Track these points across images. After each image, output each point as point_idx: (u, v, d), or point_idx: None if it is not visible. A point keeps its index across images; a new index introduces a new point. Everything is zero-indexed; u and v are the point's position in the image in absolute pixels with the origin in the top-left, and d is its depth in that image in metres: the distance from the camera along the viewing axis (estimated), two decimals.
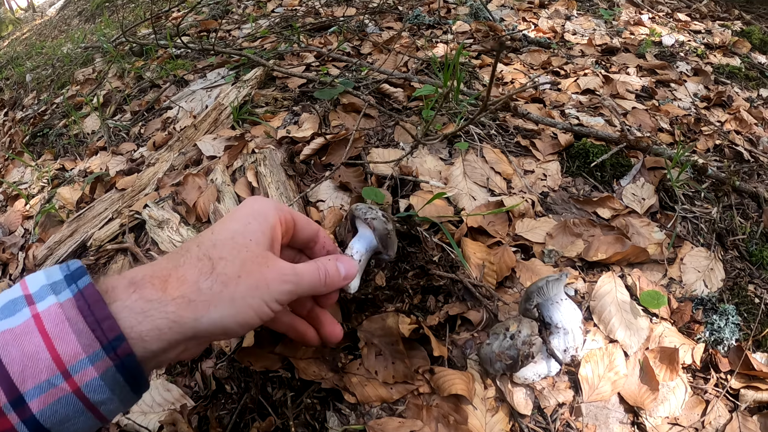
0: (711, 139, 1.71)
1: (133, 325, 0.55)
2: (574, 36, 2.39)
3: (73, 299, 0.54)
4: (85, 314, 0.53)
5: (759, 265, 1.27)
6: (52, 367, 0.51)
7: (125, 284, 0.58)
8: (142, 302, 0.57)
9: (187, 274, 0.60)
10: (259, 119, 1.74)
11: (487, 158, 1.38)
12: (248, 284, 0.62)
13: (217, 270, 0.61)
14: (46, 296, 0.54)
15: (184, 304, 0.58)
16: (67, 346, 0.51)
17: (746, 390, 1.01)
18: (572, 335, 0.94)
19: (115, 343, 0.53)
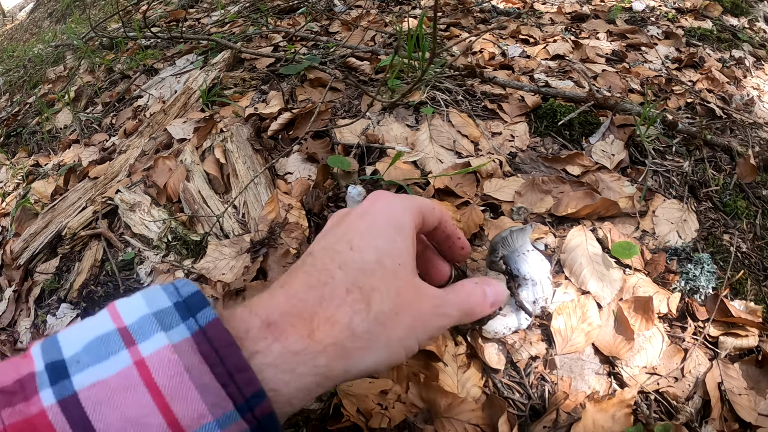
0: (682, 98, 1.69)
1: (278, 387, 0.41)
2: (544, 5, 2.37)
3: (192, 340, 0.39)
4: (212, 362, 0.38)
5: (733, 215, 1.25)
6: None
7: (259, 326, 0.43)
8: (288, 356, 0.42)
9: (337, 315, 0.45)
10: (228, 100, 1.74)
11: (454, 122, 1.35)
12: (406, 324, 0.49)
13: (373, 308, 0.47)
14: (151, 334, 0.39)
15: (337, 353, 0.44)
16: (187, 406, 0.37)
17: (725, 337, 1.00)
18: (541, 286, 0.91)
19: (252, 402, 0.38)
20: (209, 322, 0.40)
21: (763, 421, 0.92)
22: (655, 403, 0.91)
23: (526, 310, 0.89)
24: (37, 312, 1.32)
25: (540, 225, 1.12)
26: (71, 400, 0.35)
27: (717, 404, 0.92)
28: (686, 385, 0.94)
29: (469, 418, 0.84)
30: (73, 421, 0.34)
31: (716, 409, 0.92)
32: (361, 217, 0.53)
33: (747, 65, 2.13)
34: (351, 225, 0.52)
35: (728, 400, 0.92)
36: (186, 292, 0.42)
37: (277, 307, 0.44)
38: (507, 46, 1.89)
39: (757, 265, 1.16)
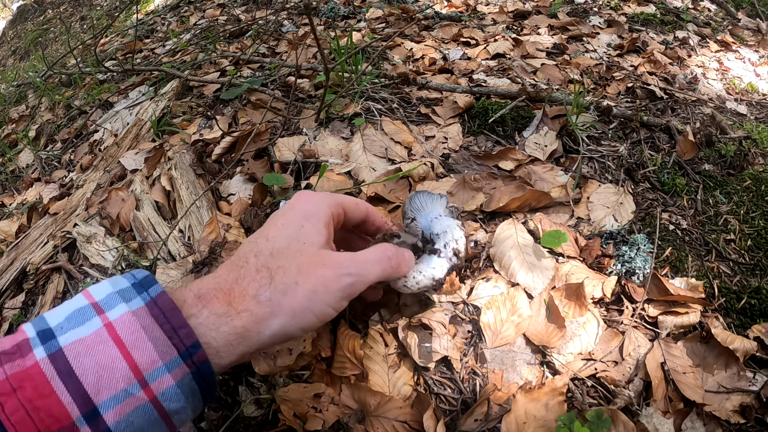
0: (623, 83, 1.70)
1: (209, 341, 0.55)
2: (487, 6, 2.39)
3: (145, 307, 0.53)
4: (160, 322, 0.52)
5: (672, 192, 1.26)
6: (129, 376, 0.49)
7: (193, 297, 0.57)
8: (213, 317, 0.56)
9: (248, 288, 0.60)
10: (177, 128, 1.77)
11: (387, 130, 1.36)
12: (307, 289, 0.61)
13: (276, 280, 0.60)
14: (115, 305, 0.53)
15: (249, 318, 0.58)
16: (143, 354, 0.50)
17: (665, 316, 0.99)
18: (451, 233, 0.89)
19: (191, 350, 0.52)
20: (158, 294, 0.54)
21: (710, 398, 0.91)
22: (591, 389, 0.90)
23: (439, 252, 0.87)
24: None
25: (471, 222, 1.12)
26: (58, 354, 0.48)
27: (660, 385, 0.91)
28: (626, 368, 0.94)
29: (397, 416, 0.84)
30: (59, 369, 0.47)
31: (659, 389, 0.91)
32: (283, 212, 0.69)
33: (691, 44, 2.15)
34: (272, 220, 0.69)
35: (672, 380, 0.92)
36: (140, 276, 0.57)
37: (205, 285, 0.59)
38: (448, 51, 1.91)
39: (698, 241, 1.16)
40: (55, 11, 5.54)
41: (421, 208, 0.93)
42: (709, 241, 1.15)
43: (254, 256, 0.63)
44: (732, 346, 0.94)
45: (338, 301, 0.64)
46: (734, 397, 0.92)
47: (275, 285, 0.60)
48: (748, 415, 0.89)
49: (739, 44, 2.27)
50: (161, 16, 3.42)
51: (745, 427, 0.88)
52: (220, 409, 0.92)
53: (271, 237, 0.65)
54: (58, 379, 0.47)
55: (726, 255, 1.13)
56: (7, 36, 6.51)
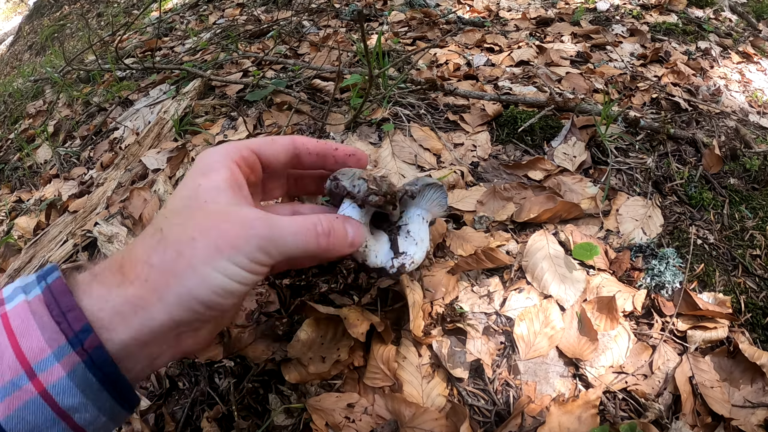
0: (647, 94, 1.71)
1: (94, 312, 0.49)
2: (509, 12, 2.39)
3: (41, 295, 0.49)
4: (50, 307, 0.48)
5: (699, 207, 1.26)
6: (15, 366, 0.45)
7: (87, 277, 0.53)
8: (102, 289, 0.51)
9: (138, 254, 0.53)
10: (199, 128, 1.76)
11: (416, 136, 1.36)
12: (206, 245, 0.52)
13: (169, 239, 0.53)
14: (15, 297, 0.49)
15: (145, 285, 0.51)
16: (30, 341, 0.46)
17: (693, 331, 1.00)
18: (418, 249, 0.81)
19: (81, 336, 0.47)
20: (54, 280, 0.50)
21: (736, 412, 0.92)
22: (623, 402, 0.91)
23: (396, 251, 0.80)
24: None
25: (503, 232, 1.13)
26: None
27: (689, 399, 0.92)
28: (656, 381, 0.94)
29: (433, 427, 0.84)
30: None
31: (688, 403, 0.92)
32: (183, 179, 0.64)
33: (714, 55, 2.15)
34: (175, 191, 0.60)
35: (700, 394, 0.92)
36: (45, 269, 0.53)
37: (102, 264, 0.55)
38: (472, 56, 1.91)
39: (725, 256, 1.16)
40: (72, 7, 5.56)
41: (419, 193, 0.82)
42: (736, 256, 1.15)
43: (151, 225, 0.56)
44: (759, 362, 0.94)
45: (250, 264, 0.54)
46: (759, 412, 0.92)
47: (168, 243, 0.53)
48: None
49: (761, 56, 2.27)
50: (180, 15, 3.42)
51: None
52: (249, 417, 0.92)
53: (169, 202, 0.58)
54: None
55: (752, 270, 1.13)
56: (24, 31, 6.54)
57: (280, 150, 0.68)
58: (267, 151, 0.67)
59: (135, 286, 0.51)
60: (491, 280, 1.03)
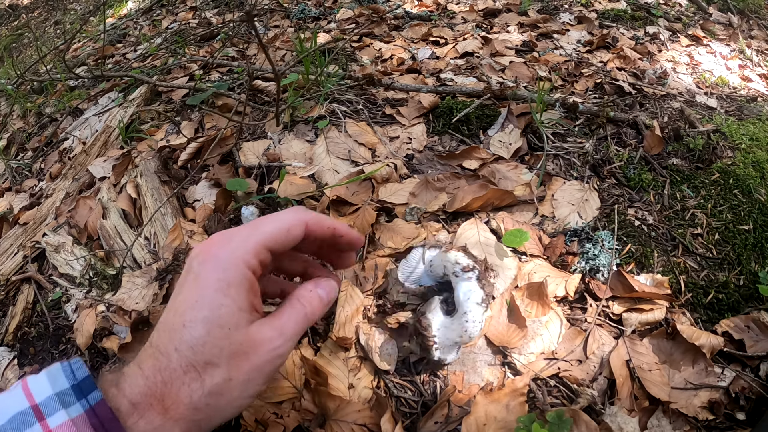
0: (591, 79, 1.70)
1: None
2: (458, 5, 2.38)
3: (85, 415, 0.51)
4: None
5: (639, 188, 1.25)
6: None
7: (128, 405, 0.53)
8: (151, 429, 0.53)
9: (180, 394, 0.54)
10: (145, 135, 1.75)
11: (351, 132, 1.34)
12: (241, 381, 0.56)
13: (207, 382, 0.55)
14: (55, 411, 0.51)
15: (188, 424, 0.55)
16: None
17: (629, 313, 0.99)
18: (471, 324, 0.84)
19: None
20: (97, 402, 0.51)
21: (677, 395, 0.90)
22: (554, 389, 0.89)
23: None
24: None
25: (434, 223, 1.11)
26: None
27: (625, 383, 0.90)
28: (590, 367, 0.93)
29: (356, 419, 0.84)
30: None
31: (625, 388, 0.90)
32: (194, 283, 0.58)
33: (662, 40, 2.15)
34: (185, 296, 0.57)
35: (638, 378, 0.91)
36: (80, 376, 0.53)
37: (137, 389, 0.54)
38: (417, 50, 1.89)
39: (665, 236, 1.15)
40: (29, 16, 5.48)
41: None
42: (676, 236, 1.14)
43: (175, 350, 0.56)
44: (698, 342, 0.93)
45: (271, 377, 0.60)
46: (702, 394, 0.91)
47: (207, 388, 0.55)
48: (717, 411, 0.88)
49: (711, 38, 2.28)
50: (134, 20, 3.38)
51: (714, 423, 0.88)
52: None
53: (188, 322, 0.56)
54: None
55: (693, 250, 1.12)
56: None
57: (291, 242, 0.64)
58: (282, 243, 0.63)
59: (180, 426, 0.54)
60: None
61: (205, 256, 0.59)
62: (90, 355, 1.17)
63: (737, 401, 0.89)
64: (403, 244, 1.05)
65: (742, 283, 1.06)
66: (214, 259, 0.58)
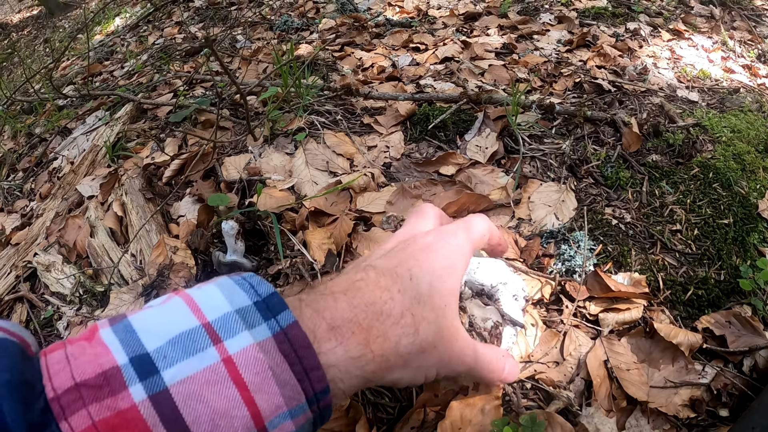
0: (570, 79, 1.71)
1: (336, 384, 0.49)
2: (438, 10, 2.39)
3: (273, 340, 0.44)
4: (291, 361, 0.44)
5: (616, 187, 1.26)
6: (249, 425, 0.41)
7: (325, 329, 0.49)
8: (348, 360, 0.49)
9: (390, 333, 0.53)
10: (131, 152, 1.76)
11: (329, 143, 1.36)
12: (437, 357, 0.57)
13: (420, 335, 0.55)
14: (236, 332, 0.43)
15: (384, 364, 0.52)
16: (269, 400, 0.42)
17: (605, 314, 0.99)
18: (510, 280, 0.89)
19: (320, 396, 0.46)
20: (289, 324, 0.45)
21: (656, 394, 0.90)
22: (531, 391, 0.90)
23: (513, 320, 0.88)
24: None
25: None
26: (163, 395, 0.38)
27: (603, 383, 0.91)
28: (568, 368, 0.93)
29: (332, 426, 0.83)
30: (164, 416, 0.38)
31: (602, 388, 0.90)
32: (425, 251, 0.60)
33: (643, 35, 2.16)
34: (414, 255, 0.59)
35: (616, 378, 0.91)
36: (263, 291, 0.47)
37: (340, 313, 0.51)
38: (397, 57, 1.91)
39: (643, 234, 1.16)
40: (19, 34, 5.52)
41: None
42: (654, 233, 1.15)
43: (398, 291, 0.55)
44: (676, 340, 0.93)
45: (443, 376, 0.61)
46: (683, 392, 0.91)
47: (418, 340, 0.54)
48: (698, 408, 0.88)
49: (692, 32, 2.29)
50: (121, 37, 3.41)
51: (696, 421, 0.87)
52: None
53: (415, 277, 0.57)
54: (162, 429, 0.38)
55: (672, 246, 1.13)
56: None
57: (487, 243, 0.74)
58: (479, 244, 0.71)
59: (376, 363, 0.51)
60: None
61: (444, 236, 0.62)
62: None
63: (719, 398, 0.89)
64: None
65: (722, 278, 1.06)
66: (450, 243, 0.62)
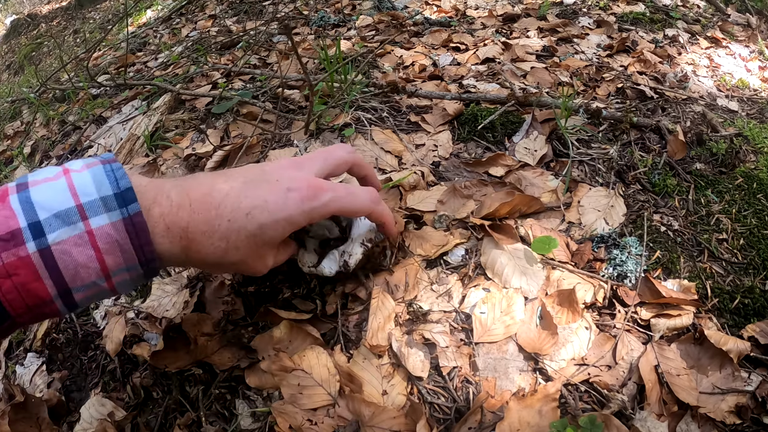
0: (613, 84, 1.71)
1: (163, 245, 0.69)
2: (476, 11, 2.39)
3: (122, 223, 0.63)
4: (132, 239, 0.64)
5: (663, 194, 1.26)
6: (99, 273, 0.63)
7: (162, 229, 0.68)
8: (171, 250, 0.70)
9: (205, 244, 0.73)
10: (170, 143, 1.77)
11: (377, 140, 1.36)
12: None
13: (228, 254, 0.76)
14: (98, 213, 0.62)
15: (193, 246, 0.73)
16: (113, 259, 0.64)
17: (657, 319, 0.99)
18: (353, 243, 0.99)
19: (149, 260, 0.67)
20: (135, 213, 0.64)
21: (705, 400, 0.91)
22: (585, 394, 0.91)
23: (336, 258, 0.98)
24: (7, 364, 1.36)
25: (462, 230, 1.13)
26: (46, 251, 0.60)
27: (654, 388, 0.91)
28: (620, 372, 0.94)
29: (391, 425, 0.85)
30: (46, 263, 0.60)
31: (653, 393, 0.91)
32: (260, 175, 0.80)
33: (681, 42, 2.16)
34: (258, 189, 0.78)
35: (666, 383, 0.92)
36: (123, 185, 0.65)
37: (177, 223, 0.71)
38: (438, 57, 1.91)
39: (690, 241, 1.16)
40: (48, 25, 5.57)
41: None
42: (701, 241, 1.15)
43: (228, 221, 0.73)
44: (725, 347, 0.94)
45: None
46: (729, 398, 0.91)
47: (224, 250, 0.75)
48: (744, 415, 0.89)
49: (730, 40, 2.28)
50: (153, 29, 3.43)
51: (741, 428, 0.88)
52: (217, 422, 0.94)
53: (250, 215, 0.76)
54: (44, 270, 0.60)
55: (718, 255, 1.13)
56: (1, 50, 6.54)
57: (338, 173, 0.95)
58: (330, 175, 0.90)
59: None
60: (450, 278, 1.04)
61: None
62: (120, 361, 1.18)
63: (764, 405, 0.90)
64: (433, 251, 1.06)
65: (767, 288, 1.06)
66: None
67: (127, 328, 1.22)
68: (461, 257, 1.07)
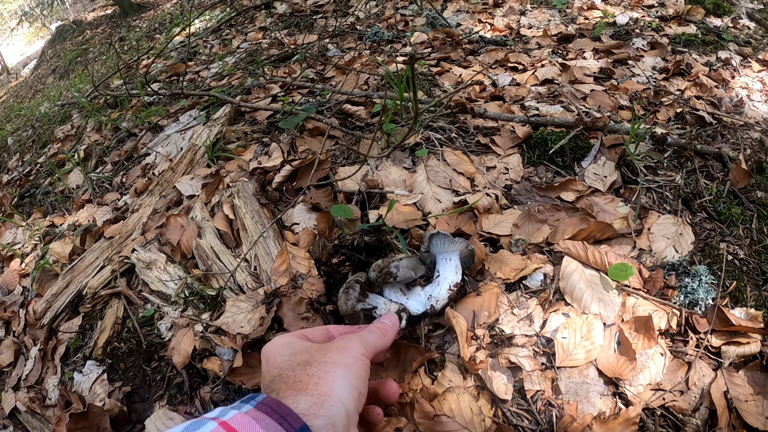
0: (672, 108, 1.74)
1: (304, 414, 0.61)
2: (530, 30, 2.43)
3: (254, 408, 0.59)
4: (270, 413, 0.58)
5: (729, 222, 1.29)
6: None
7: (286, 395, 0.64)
8: (293, 400, 0.62)
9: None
10: (232, 154, 1.80)
11: (449, 161, 1.41)
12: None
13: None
14: (228, 412, 0.59)
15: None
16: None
17: (727, 346, 1.03)
18: (440, 288, 1.04)
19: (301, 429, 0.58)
20: (264, 398, 0.61)
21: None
22: (661, 418, 0.95)
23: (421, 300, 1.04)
24: (63, 369, 1.38)
25: (538, 255, 1.17)
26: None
27: (724, 413, 0.95)
28: (692, 397, 0.98)
29: None
30: None
31: (723, 417, 0.95)
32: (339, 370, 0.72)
33: (734, 65, 2.17)
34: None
35: (735, 408, 0.95)
36: (246, 397, 0.62)
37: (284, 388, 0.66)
38: (497, 76, 1.95)
39: (756, 270, 1.19)
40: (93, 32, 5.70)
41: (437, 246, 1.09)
42: (766, 270, 1.18)
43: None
44: None
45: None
46: None
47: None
48: None
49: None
50: (203, 39, 3.50)
51: None
52: None
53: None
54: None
55: None
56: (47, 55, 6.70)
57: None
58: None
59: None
60: (530, 302, 1.08)
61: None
62: (188, 374, 1.19)
63: None
64: (512, 275, 1.11)
65: None
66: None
67: (197, 342, 1.22)
68: (540, 282, 1.11)
